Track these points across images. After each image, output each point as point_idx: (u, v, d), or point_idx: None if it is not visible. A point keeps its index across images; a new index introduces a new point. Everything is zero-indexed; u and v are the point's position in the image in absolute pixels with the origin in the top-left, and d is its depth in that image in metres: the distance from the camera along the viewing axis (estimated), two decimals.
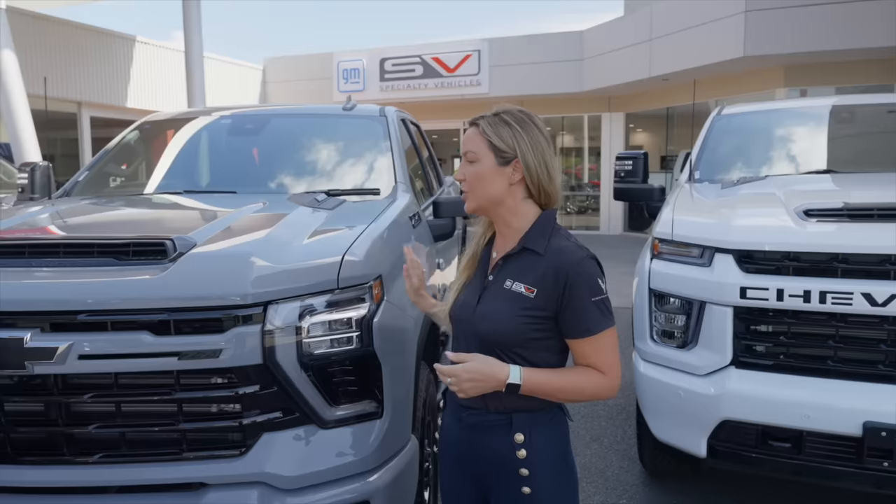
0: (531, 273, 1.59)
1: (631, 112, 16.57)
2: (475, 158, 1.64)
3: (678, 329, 2.93)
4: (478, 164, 1.64)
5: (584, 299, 1.55)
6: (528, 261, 1.62)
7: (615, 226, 16.63)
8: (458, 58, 16.45)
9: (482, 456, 1.65)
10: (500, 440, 1.62)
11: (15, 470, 1.94)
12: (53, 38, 13.10)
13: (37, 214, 2.70)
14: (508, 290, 1.61)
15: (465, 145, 1.67)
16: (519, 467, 1.60)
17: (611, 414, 4.50)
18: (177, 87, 13.19)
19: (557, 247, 1.60)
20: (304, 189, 3.23)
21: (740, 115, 4.55)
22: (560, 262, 1.57)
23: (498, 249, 1.72)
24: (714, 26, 11.52)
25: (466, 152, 1.66)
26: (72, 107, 14.07)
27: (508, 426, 1.61)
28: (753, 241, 2.73)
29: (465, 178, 1.66)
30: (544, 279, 1.57)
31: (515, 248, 1.65)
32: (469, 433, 1.66)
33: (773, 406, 2.60)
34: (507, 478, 1.63)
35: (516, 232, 1.67)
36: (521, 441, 1.60)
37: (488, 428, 1.64)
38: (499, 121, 1.64)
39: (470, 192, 1.66)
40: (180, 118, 4.02)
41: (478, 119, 1.67)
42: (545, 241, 1.62)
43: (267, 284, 1.95)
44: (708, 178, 4.02)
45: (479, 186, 1.64)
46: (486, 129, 1.64)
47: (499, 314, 1.60)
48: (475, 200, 1.67)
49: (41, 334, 1.86)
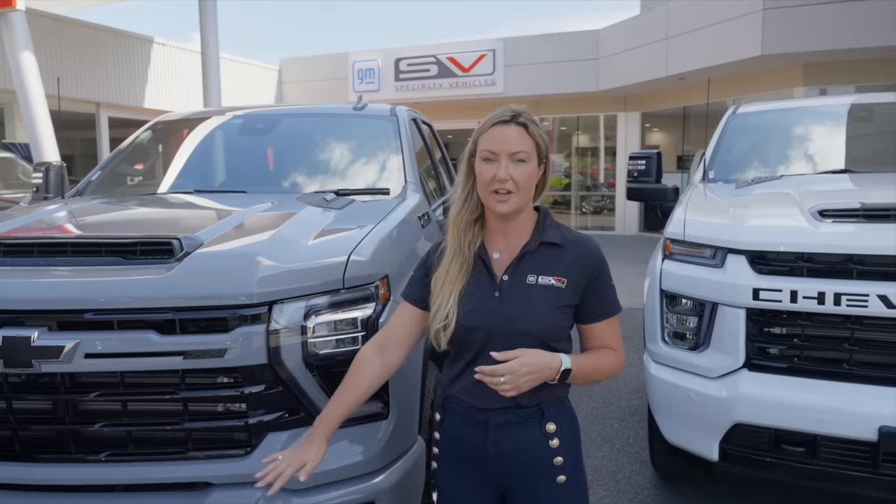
0: (557, 265, 1.64)
1: (647, 111, 16.46)
2: (527, 158, 1.62)
3: (690, 331, 2.89)
4: (527, 165, 1.62)
5: (608, 283, 1.70)
6: (548, 254, 1.66)
7: (630, 226, 16.53)
8: (473, 57, 16.43)
9: (515, 453, 1.65)
10: (533, 433, 1.65)
11: (24, 467, 1.95)
12: (72, 39, 13.26)
13: (47, 213, 2.72)
14: (534, 284, 1.63)
15: (515, 144, 1.60)
16: (553, 456, 1.65)
17: (623, 416, 4.46)
18: (194, 87, 13.29)
19: (573, 238, 1.69)
20: (314, 188, 3.23)
21: (755, 113, 4.50)
22: (584, 250, 1.67)
23: (499, 249, 1.70)
24: (731, 24, 11.41)
25: (518, 152, 1.60)
26: (90, 107, 14.24)
27: (540, 417, 1.66)
28: (766, 241, 2.68)
29: (514, 178, 1.59)
30: (572, 269, 1.64)
31: (532, 244, 1.66)
32: (498, 433, 1.65)
33: (786, 409, 2.55)
34: (542, 470, 1.65)
35: (522, 229, 1.69)
36: (553, 430, 1.66)
37: (519, 423, 1.65)
38: (535, 122, 1.65)
39: (516, 192, 1.60)
40: (192, 118, 4.05)
41: (520, 118, 1.63)
42: (558, 234, 1.68)
43: (272, 284, 1.95)
44: (722, 178, 3.98)
45: (526, 187, 1.63)
46: (533, 129, 1.63)
47: (532, 309, 1.61)
48: (519, 202, 1.62)
49: (48, 333, 1.86)
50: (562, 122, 18.10)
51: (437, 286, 1.69)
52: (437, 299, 1.68)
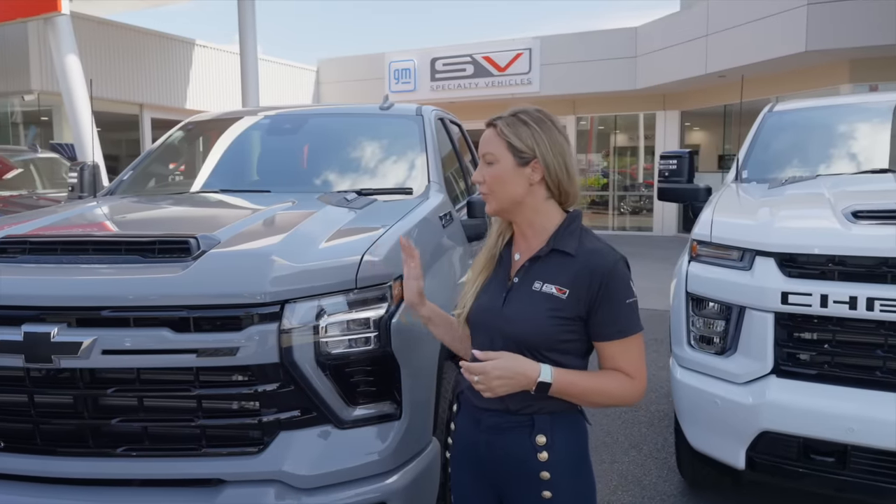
0: (562, 274, 1.58)
1: (686, 110, 16.16)
2: (494, 160, 1.63)
3: (716, 335, 2.82)
4: (496, 166, 1.62)
5: (619, 301, 1.55)
6: (558, 262, 1.60)
7: (669, 227, 16.25)
8: (509, 57, 16.35)
9: (502, 458, 1.62)
10: (521, 442, 1.59)
11: (45, 460, 1.99)
12: (117, 42, 13.62)
13: (75, 212, 2.79)
14: (538, 291, 1.59)
15: (483, 147, 1.65)
16: (540, 470, 1.58)
17: (651, 420, 4.38)
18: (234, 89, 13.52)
19: (590, 248, 1.59)
20: (339, 188, 3.24)
21: (793, 111, 4.36)
22: (595, 263, 1.56)
23: (520, 250, 1.69)
24: (774, 20, 11.11)
25: (484, 154, 1.65)
26: (134, 109, 14.61)
27: (530, 427, 1.59)
28: (796, 243, 2.60)
29: (484, 179, 1.64)
30: (577, 280, 1.56)
31: (544, 250, 1.62)
32: (488, 435, 1.63)
33: (815, 418, 2.47)
34: (527, 481, 1.59)
35: (540, 233, 1.65)
36: (543, 443, 1.58)
37: (509, 429, 1.61)
38: (517, 121, 1.62)
39: (490, 194, 1.65)
40: (223, 118, 4.10)
41: (495, 120, 1.65)
42: (576, 243, 1.61)
43: (284, 283, 1.95)
44: (756, 178, 3.87)
45: (498, 188, 1.63)
46: (504, 129, 1.62)
47: (528, 316, 1.57)
48: (496, 202, 1.66)
49: (68, 329, 1.90)
50: (600, 121, 17.90)
51: (472, 270, 1.75)
52: (466, 284, 1.73)
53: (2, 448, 2.01)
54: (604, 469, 3.68)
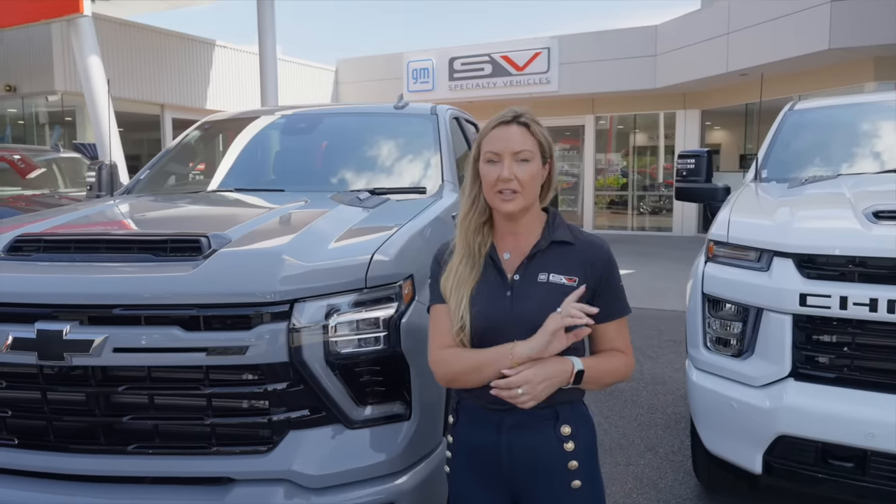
0: (567, 263, 1.63)
1: (707, 109, 15.99)
2: (530, 157, 1.63)
3: (733, 337, 2.77)
4: (531, 164, 1.63)
5: (618, 283, 1.69)
6: (558, 253, 1.65)
7: (689, 227, 16.10)
8: (528, 56, 16.30)
9: (528, 456, 1.62)
10: (547, 435, 1.62)
11: (58, 457, 2.01)
12: (139, 43, 13.78)
13: (91, 211, 2.81)
14: (545, 282, 1.62)
15: (518, 144, 1.62)
16: (569, 460, 1.62)
17: (668, 423, 4.33)
18: (253, 88, 13.63)
19: (585, 237, 1.68)
20: (353, 187, 3.24)
21: (814, 109, 4.29)
22: (595, 249, 1.66)
23: (509, 249, 1.70)
24: (796, 18, 10.96)
25: (521, 151, 1.61)
26: (155, 109, 14.78)
27: (555, 419, 1.63)
28: (815, 244, 2.54)
29: (518, 177, 1.60)
30: (583, 267, 1.63)
31: (542, 243, 1.66)
32: (511, 435, 1.63)
33: (834, 422, 2.42)
34: (556, 474, 1.62)
35: (531, 229, 1.69)
36: (569, 433, 1.63)
37: (534, 425, 1.62)
38: (536, 122, 1.66)
39: (521, 192, 1.62)
40: (238, 118, 4.13)
41: (521, 118, 1.65)
42: (569, 232, 1.68)
43: (294, 282, 1.95)
44: (776, 178, 3.80)
45: (531, 186, 1.64)
46: (535, 128, 1.65)
47: (544, 307, 1.58)
48: (525, 201, 1.63)
49: (79, 327, 1.92)
50: (619, 120, 17.77)
51: (447, 287, 1.69)
52: (451, 302, 1.68)
53: (16, 444, 2.03)
54: (619, 471, 3.64)
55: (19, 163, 8.37)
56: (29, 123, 14.72)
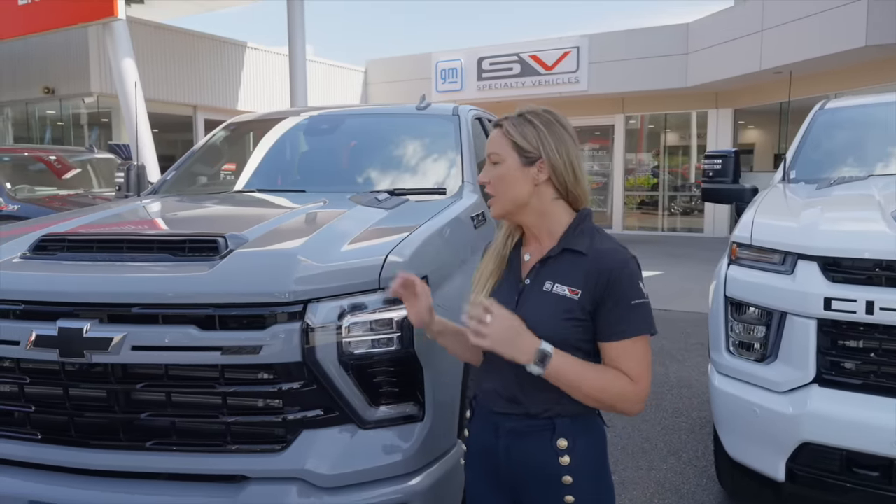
0: (574, 274, 1.55)
1: (740, 108, 15.71)
2: (499, 160, 1.61)
3: (756, 341, 2.72)
4: (501, 166, 1.61)
5: (623, 301, 1.51)
6: (569, 262, 1.57)
7: (720, 228, 15.83)
8: (557, 55, 16.20)
9: (521, 464, 1.59)
10: (542, 446, 1.57)
11: (78, 452, 2.05)
12: (172, 46, 14.03)
13: (116, 211, 2.87)
14: (549, 292, 1.56)
15: (489, 147, 1.64)
16: (562, 475, 1.55)
17: (692, 427, 4.26)
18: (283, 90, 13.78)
19: (602, 247, 1.56)
20: (374, 187, 3.25)
21: (846, 108, 4.18)
22: (605, 262, 1.53)
23: (531, 251, 1.66)
24: (832, 14, 10.70)
25: (490, 154, 1.63)
26: (188, 110, 15.03)
27: (551, 431, 1.56)
28: (840, 247, 2.48)
29: (490, 180, 1.62)
30: (587, 280, 1.53)
31: (554, 250, 1.60)
32: (508, 440, 1.61)
33: (859, 430, 2.35)
34: (548, 486, 1.57)
35: (550, 234, 1.63)
36: (565, 447, 1.55)
37: (529, 433, 1.58)
38: (523, 121, 1.61)
39: (495, 195, 1.62)
40: (263, 119, 4.18)
41: (501, 120, 1.64)
42: (587, 241, 1.58)
43: (308, 283, 1.96)
44: (805, 178, 3.72)
45: (503, 189, 1.61)
46: (510, 129, 1.61)
47: (543, 318, 1.54)
48: (500, 204, 1.64)
49: (99, 325, 1.96)
50: (650, 119, 17.56)
51: (473, 280, 1.71)
52: (473, 294, 1.69)
53: (39, 439, 2.08)
54: (640, 476, 3.60)
55: (55, 163, 8.58)
56: (67, 125, 15.10)
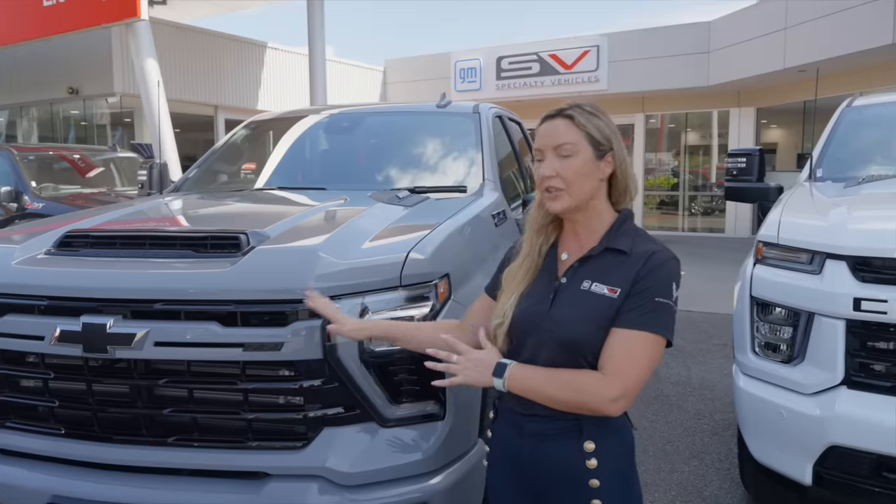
0: (615, 274, 1.51)
1: (763, 107, 15.50)
2: (573, 151, 1.53)
3: (783, 342, 2.67)
4: (574, 158, 1.53)
5: (647, 293, 1.48)
6: (611, 261, 1.53)
7: (742, 228, 15.63)
8: (576, 54, 16.09)
9: (547, 467, 1.56)
10: (568, 449, 1.53)
11: (101, 447, 2.06)
12: (194, 46, 14.14)
13: (140, 208, 2.89)
14: (587, 291, 1.52)
15: (559, 137, 1.53)
16: (589, 478, 1.51)
17: (715, 429, 4.20)
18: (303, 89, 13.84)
19: (645, 248, 1.52)
20: (394, 185, 3.25)
21: (874, 105, 4.10)
22: (647, 261, 1.50)
23: (569, 250, 1.62)
24: (858, 11, 10.52)
25: (562, 145, 1.52)
26: (209, 110, 15.14)
27: (578, 433, 1.53)
28: (870, 246, 2.42)
29: (559, 173, 1.52)
30: (627, 278, 1.50)
31: (596, 249, 1.56)
32: (532, 442, 1.57)
33: (889, 433, 2.30)
34: (575, 490, 1.53)
35: (594, 232, 1.59)
36: (592, 450, 1.52)
37: (556, 436, 1.55)
38: (590, 112, 1.55)
39: (566, 189, 1.53)
40: (283, 118, 4.19)
41: (567, 110, 1.56)
42: (630, 241, 1.54)
43: (329, 280, 1.96)
44: (832, 177, 3.66)
45: (576, 183, 1.53)
46: (581, 119, 1.54)
47: (577, 317, 1.51)
48: (571, 199, 1.54)
49: (122, 321, 1.97)
50: (670, 119, 17.40)
51: (506, 282, 1.67)
52: (501, 297, 1.66)
53: (62, 434, 2.10)
54: (662, 478, 3.55)
55: (79, 162, 8.69)
56: (91, 124, 15.28)
